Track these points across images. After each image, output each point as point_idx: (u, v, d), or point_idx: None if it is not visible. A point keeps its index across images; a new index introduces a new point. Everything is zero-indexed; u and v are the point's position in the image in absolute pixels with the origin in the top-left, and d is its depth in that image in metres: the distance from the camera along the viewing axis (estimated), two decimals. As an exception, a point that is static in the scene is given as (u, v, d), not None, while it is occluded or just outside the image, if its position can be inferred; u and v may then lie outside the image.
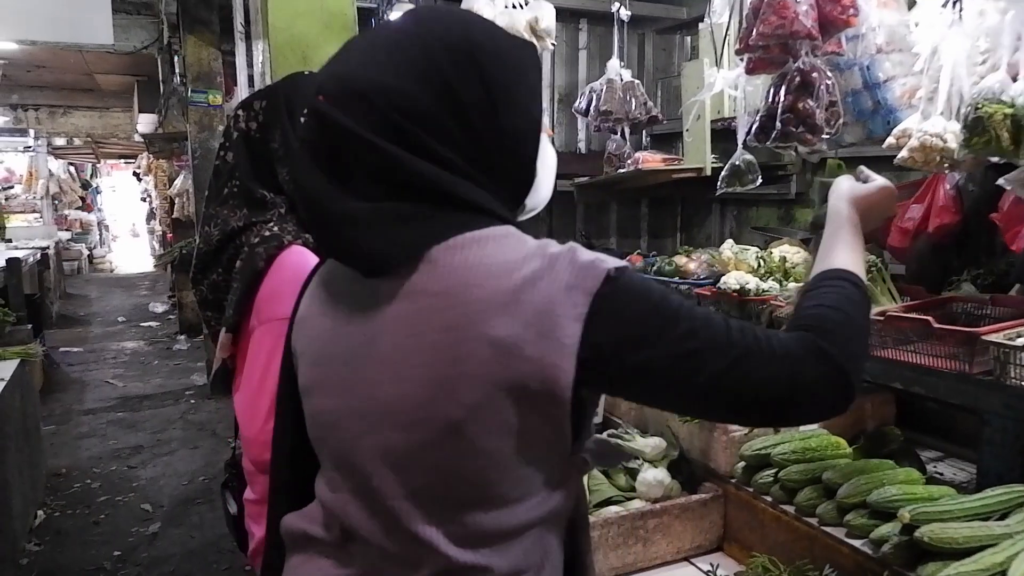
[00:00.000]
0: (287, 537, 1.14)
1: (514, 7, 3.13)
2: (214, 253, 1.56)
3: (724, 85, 2.53)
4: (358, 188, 0.96)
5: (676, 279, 3.01)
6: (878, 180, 1.28)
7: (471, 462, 0.95)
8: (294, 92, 1.57)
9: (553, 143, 4.92)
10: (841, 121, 2.24)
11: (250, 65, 4.37)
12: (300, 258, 1.46)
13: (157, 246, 16.69)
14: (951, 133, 1.97)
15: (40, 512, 4.54)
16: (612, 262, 0.93)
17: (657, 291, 0.95)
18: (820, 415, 1.00)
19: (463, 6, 3.19)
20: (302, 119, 1.51)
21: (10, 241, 11.12)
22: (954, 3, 1.93)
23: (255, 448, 1.45)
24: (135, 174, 17.68)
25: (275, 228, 1.50)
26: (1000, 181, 2.03)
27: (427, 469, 0.97)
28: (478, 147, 0.98)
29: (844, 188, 1.26)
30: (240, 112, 1.59)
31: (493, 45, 1.00)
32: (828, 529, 1.85)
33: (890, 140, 2.19)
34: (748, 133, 2.38)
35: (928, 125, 2.00)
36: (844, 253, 1.13)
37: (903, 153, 2.08)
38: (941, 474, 2.22)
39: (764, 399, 0.93)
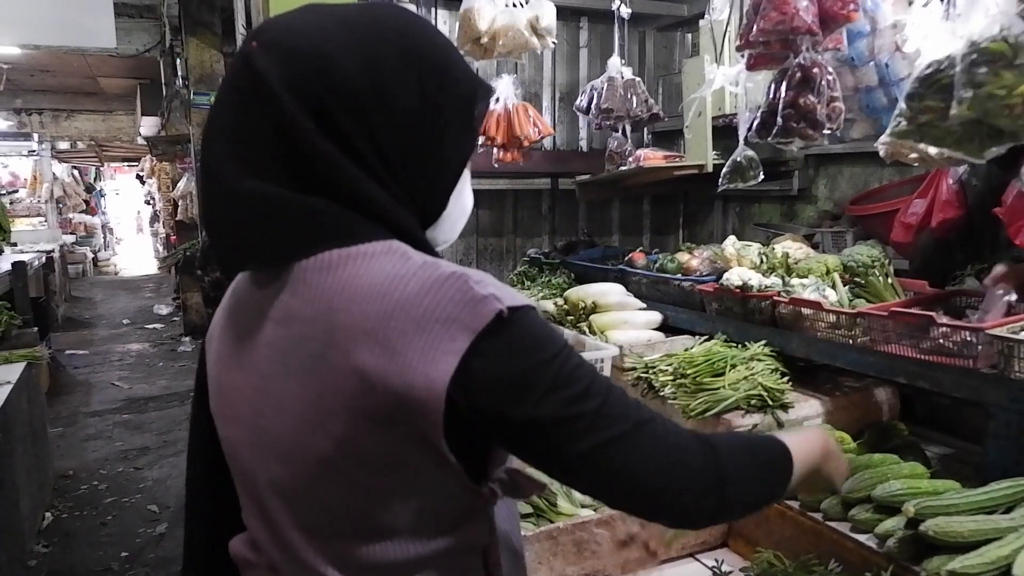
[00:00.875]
0: (235, 559, 1.11)
1: (515, 5, 3.14)
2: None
3: (725, 82, 2.53)
4: (254, 161, 0.88)
5: (679, 275, 3.01)
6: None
7: (350, 496, 0.90)
8: None
9: (554, 141, 4.95)
10: (843, 117, 2.24)
11: (252, 67, 4.37)
12: None
13: (161, 248, 16.73)
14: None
15: (48, 514, 4.55)
16: (510, 300, 0.84)
17: (556, 344, 0.87)
18: (682, 524, 0.97)
19: (464, 5, 3.20)
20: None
21: (15, 245, 11.15)
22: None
23: None
24: (138, 177, 17.75)
25: None
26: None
27: (312, 501, 0.93)
28: (396, 150, 0.91)
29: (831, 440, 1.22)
30: None
31: (447, 66, 0.95)
32: (833, 524, 1.85)
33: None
34: (749, 129, 2.38)
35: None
36: (790, 438, 1.09)
37: (882, 144, 2.07)
38: (946, 468, 2.22)
39: (645, 484, 0.89)
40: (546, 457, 0.88)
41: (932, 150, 1.79)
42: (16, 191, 16.06)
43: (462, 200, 1.03)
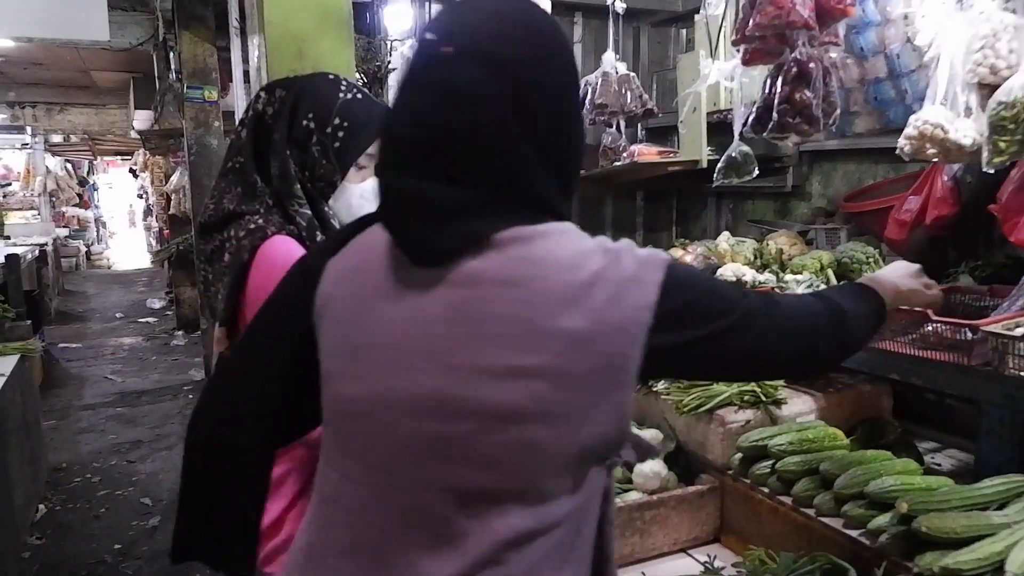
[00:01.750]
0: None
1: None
2: (203, 230, 1.58)
3: (720, 76, 2.53)
4: (435, 167, 0.97)
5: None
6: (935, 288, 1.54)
7: (520, 454, 0.94)
8: (308, 94, 1.58)
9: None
10: (838, 112, 2.23)
11: (245, 61, 4.36)
12: (284, 247, 1.48)
13: (154, 242, 16.68)
14: (950, 123, 1.96)
15: (41, 506, 4.55)
16: (664, 254, 1.02)
17: (703, 274, 1.11)
18: (821, 365, 1.27)
19: None
20: (303, 121, 1.54)
21: (8, 238, 11.12)
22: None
23: None
24: (131, 171, 17.65)
25: (260, 220, 1.51)
26: None
27: (471, 460, 0.95)
28: (558, 149, 1.02)
29: (914, 270, 1.51)
30: (262, 94, 1.61)
31: (565, 54, 1.05)
32: (825, 520, 1.85)
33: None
34: (744, 124, 2.37)
35: (928, 114, 1.99)
36: (875, 282, 1.37)
37: (900, 142, 2.07)
38: (939, 465, 2.23)
39: (793, 351, 1.13)
40: (720, 362, 1.06)
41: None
42: (9, 184, 16.00)
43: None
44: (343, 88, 1.60)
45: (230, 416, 1.20)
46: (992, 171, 1.93)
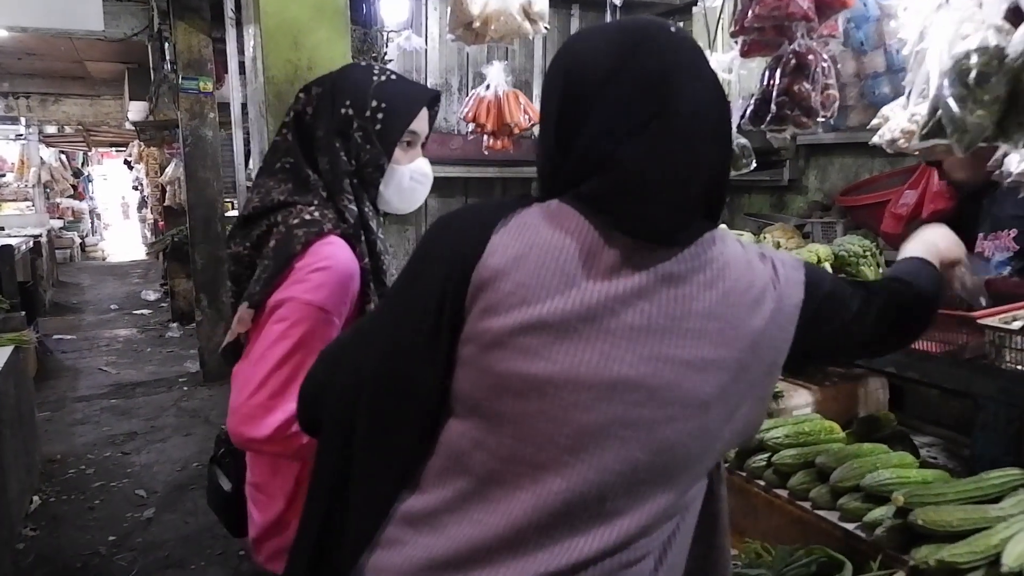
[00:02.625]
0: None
1: (509, -8, 3.11)
2: (246, 221, 1.55)
3: (718, 68, 2.51)
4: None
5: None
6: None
7: (697, 440, 1.01)
8: (343, 83, 1.57)
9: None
10: (836, 104, 2.23)
11: (241, 52, 4.34)
12: (335, 249, 1.45)
13: (149, 234, 16.63)
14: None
15: (35, 498, 4.53)
16: (796, 257, 1.17)
17: (823, 270, 1.23)
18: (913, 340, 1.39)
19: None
20: (342, 109, 1.53)
21: (2, 229, 11.09)
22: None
23: (236, 418, 1.42)
24: (126, 162, 17.61)
25: (316, 213, 1.48)
26: None
27: (650, 444, 0.99)
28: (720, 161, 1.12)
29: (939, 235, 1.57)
30: (301, 95, 1.60)
31: None
32: (821, 513, 1.85)
33: (875, 122, 2.18)
34: (742, 117, 2.37)
35: (919, 108, 1.99)
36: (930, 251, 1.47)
37: (890, 133, 2.06)
38: (934, 458, 2.23)
39: (901, 332, 1.30)
40: (842, 347, 1.23)
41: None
42: (3, 175, 15.95)
43: None
44: (376, 72, 1.59)
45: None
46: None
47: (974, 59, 1.61)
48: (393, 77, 1.60)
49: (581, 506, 0.99)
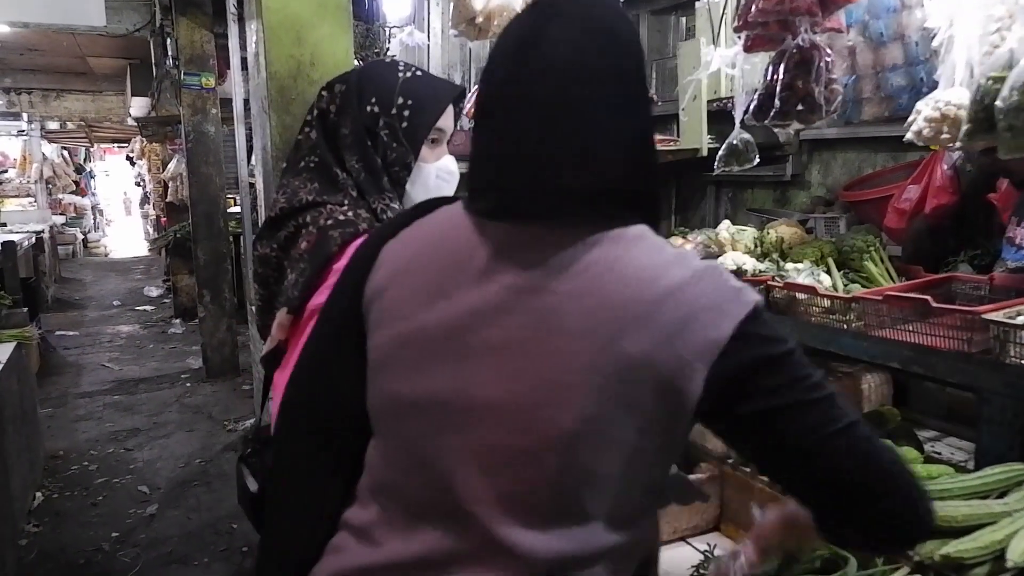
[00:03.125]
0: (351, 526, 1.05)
1: (512, -13, 3.10)
2: (272, 222, 1.53)
3: (721, 63, 2.51)
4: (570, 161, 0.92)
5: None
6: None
7: (569, 476, 0.88)
8: (367, 80, 1.55)
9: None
10: (840, 99, 2.22)
11: (243, 47, 4.33)
12: None
13: (151, 230, 16.64)
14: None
15: (38, 494, 4.54)
16: (757, 294, 0.90)
17: (788, 336, 0.90)
18: (915, 539, 1.03)
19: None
20: (368, 107, 1.51)
21: (4, 225, 11.09)
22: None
23: None
24: (128, 158, 17.61)
25: (350, 213, 1.46)
26: None
27: (520, 476, 0.90)
28: (641, 154, 0.97)
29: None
30: (324, 93, 1.57)
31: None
32: (826, 508, 1.85)
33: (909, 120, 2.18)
34: (746, 112, 2.36)
35: (949, 95, 1.96)
36: None
37: (920, 123, 2.04)
38: (939, 453, 2.22)
39: (889, 476, 0.88)
40: (785, 443, 0.88)
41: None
42: (5, 171, 15.95)
43: None
44: (401, 68, 1.57)
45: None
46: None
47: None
48: (419, 74, 1.58)
49: (465, 531, 0.92)
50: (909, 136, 2.13)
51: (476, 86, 4.43)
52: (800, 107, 2.13)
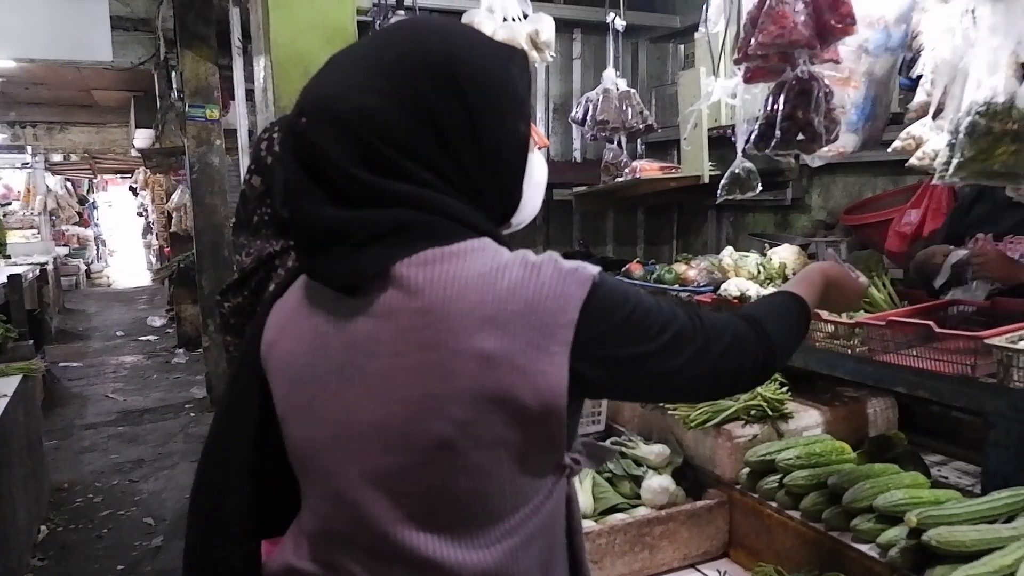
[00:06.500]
0: (273, 573, 1.11)
1: (514, 19, 3.15)
2: (243, 279, 1.53)
3: (722, 94, 2.54)
4: (337, 200, 0.95)
5: (676, 286, 3.02)
6: (860, 276, 1.51)
7: (464, 479, 0.94)
8: None
9: (548, 152, 4.96)
10: (839, 128, 2.25)
11: (248, 80, 4.38)
12: None
13: (154, 260, 16.68)
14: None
15: (43, 527, 4.53)
16: (592, 268, 0.96)
17: (632, 291, 1.01)
18: (750, 385, 1.17)
19: (464, 19, 3.21)
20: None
21: (9, 257, 11.13)
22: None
23: None
24: (131, 188, 17.70)
25: None
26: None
27: (419, 490, 0.95)
28: (458, 168, 0.97)
29: (826, 263, 1.46)
30: (274, 135, 1.55)
31: (476, 61, 0.98)
32: (835, 534, 1.85)
33: (896, 144, 2.21)
34: (747, 141, 2.39)
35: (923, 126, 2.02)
36: (796, 286, 1.34)
37: (924, 161, 2.11)
38: (945, 478, 2.23)
39: (722, 374, 1.07)
40: (646, 385, 1.04)
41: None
42: (9, 203, 16.05)
43: (534, 177, 1.09)
44: None
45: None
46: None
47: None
48: None
49: (392, 560, 0.97)
50: (913, 162, 2.17)
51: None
52: (801, 137, 2.15)
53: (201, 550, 1.17)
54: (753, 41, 2.10)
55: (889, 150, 2.34)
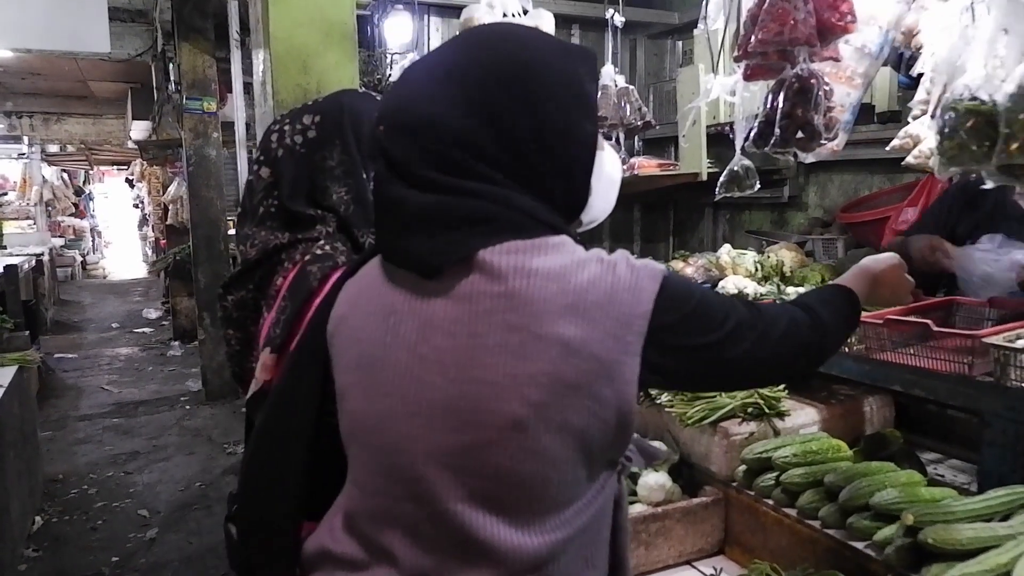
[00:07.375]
0: (308, 558, 1.14)
1: (514, 15, 3.14)
2: (247, 271, 1.51)
3: (721, 91, 2.54)
4: (432, 188, 1.01)
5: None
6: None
7: (531, 462, 0.97)
8: (355, 109, 1.54)
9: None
10: (839, 127, 2.25)
11: (246, 73, 4.37)
12: None
13: (150, 252, 16.65)
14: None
15: (38, 518, 4.53)
16: (660, 265, 1.04)
17: (695, 285, 1.09)
18: (809, 368, 1.25)
19: (464, 14, 3.21)
20: (356, 138, 1.51)
21: (5, 248, 11.11)
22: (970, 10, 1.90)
23: None
24: (128, 180, 17.67)
25: (327, 247, 1.44)
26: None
27: (485, 470, 0.98)
28: (527, 167, 1.02)
29: (882, 258, 1.51)
30: (285, 127, 1.54)
31: (543, 66, 1.03)
32: (830, 532, 1.86)
33: (895, 142, 2.21)
34: (746, 139, 2.38)
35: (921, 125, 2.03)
36: (846, 280, 1.42)
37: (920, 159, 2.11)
38: (941, 476, 2.23)
39: (782, 358, 1.15)
40: (713, 372, 1.09)
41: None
42: (5, 194, 15.99)
43: (604, 175, 1.13)
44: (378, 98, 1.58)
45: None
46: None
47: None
48: None
49: (445, 538, 1.00)
50: (910, 161, 2.17)
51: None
52: (800, 135, 2.15)
53: (251, 526, 1.24)
54: (753, 38, 2.09)
55: (887, 148, 2.35)
